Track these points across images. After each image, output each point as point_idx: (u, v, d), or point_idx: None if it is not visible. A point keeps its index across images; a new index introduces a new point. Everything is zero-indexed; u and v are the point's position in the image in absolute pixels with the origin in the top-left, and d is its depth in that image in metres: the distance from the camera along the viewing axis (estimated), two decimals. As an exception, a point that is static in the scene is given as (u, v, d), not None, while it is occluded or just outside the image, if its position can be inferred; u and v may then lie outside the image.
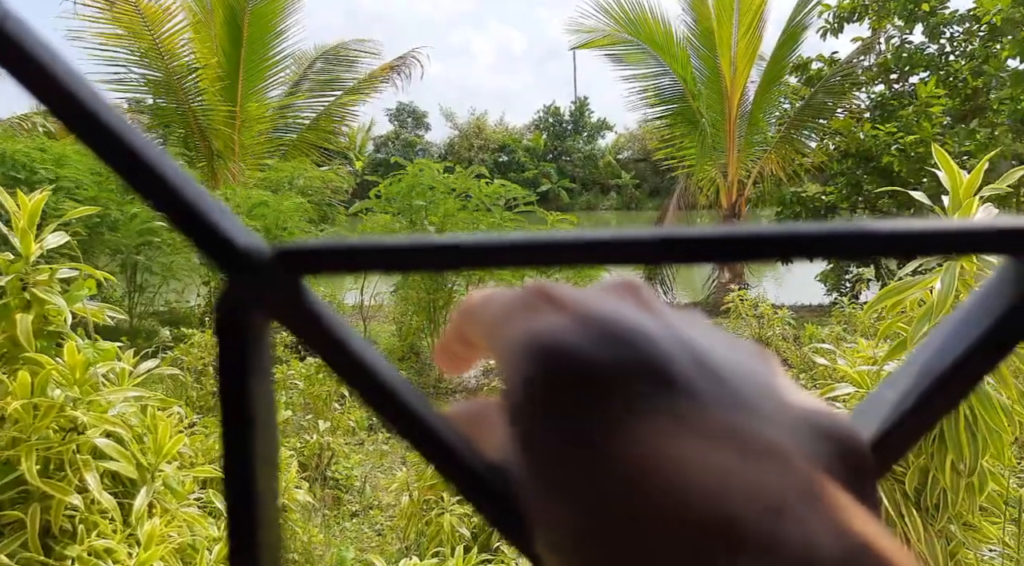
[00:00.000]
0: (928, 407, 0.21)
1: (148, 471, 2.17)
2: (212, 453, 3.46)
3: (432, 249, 0.22)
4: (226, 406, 0.23)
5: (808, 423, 0.20)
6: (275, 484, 0.24)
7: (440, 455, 0.23)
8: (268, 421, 0.24)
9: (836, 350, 2.88)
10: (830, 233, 0.21)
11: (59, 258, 2.46)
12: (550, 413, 0.21)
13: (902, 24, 10.88)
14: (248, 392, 0.23)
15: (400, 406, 0.23)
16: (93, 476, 2.01)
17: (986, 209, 1.99)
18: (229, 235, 0.23)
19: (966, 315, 0.22)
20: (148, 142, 0.22)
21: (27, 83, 0.20)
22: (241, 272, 0.23)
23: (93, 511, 2.03)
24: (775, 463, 0.18)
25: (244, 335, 0.23)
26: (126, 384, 2.23)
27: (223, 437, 0.23)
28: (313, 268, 0.23)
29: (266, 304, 0.23)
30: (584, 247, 0.22)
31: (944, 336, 0.22)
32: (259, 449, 0.23)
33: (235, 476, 0.23)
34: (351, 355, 0.23)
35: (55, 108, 0.21)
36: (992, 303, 0.21)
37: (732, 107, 11.59)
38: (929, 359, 0.22)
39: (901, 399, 0.22)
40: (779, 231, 0.21)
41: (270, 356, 0.24)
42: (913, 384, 0.22)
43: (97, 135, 0.21)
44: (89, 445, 2.05)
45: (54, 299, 2.06)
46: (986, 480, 2.06)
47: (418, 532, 3.33)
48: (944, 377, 0.21)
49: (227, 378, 0.23)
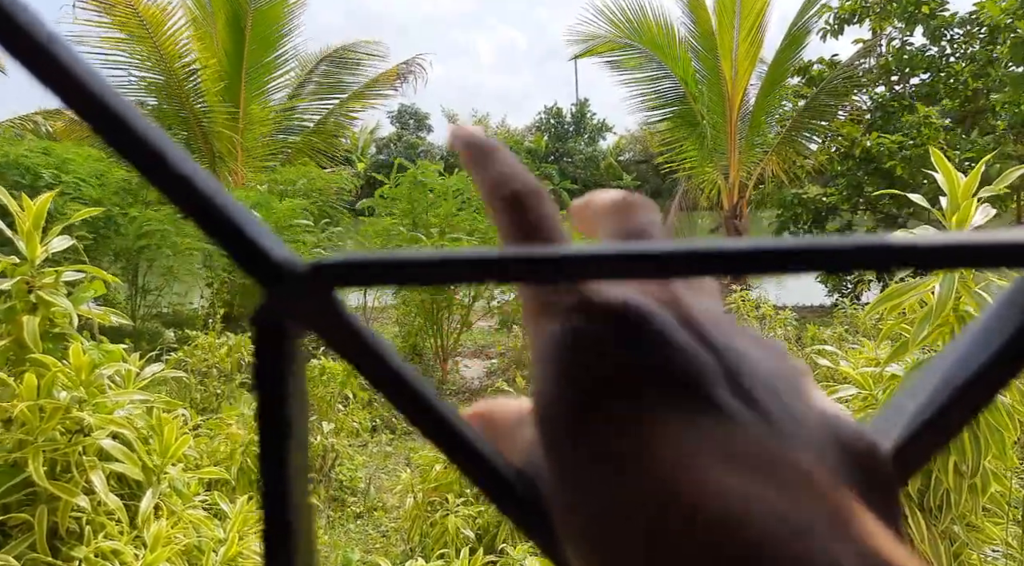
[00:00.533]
0: (949, 417, 0.21)
1: (154, 473, 2.18)
2: (217, 455, 3.47)
3: (464, 262, 0.23)
4: (264, 416, 0.24)
5: (832, 434, 0.20)
6: (308, 492, 0.25)
7: (472, 463, 0.24)
8: (302, 430, 0.24)
9: (839, 352, 2.89)
10: (843, 247, 0.21)
11: (63, 261, 2.47)
12: (580, 418, 0.21)
13: (903, 26, 10.89)
14: (285, 402, 0.23)
15: (433, 415, 0.24)
16: (99, 478, 2.01)
17: (984, 210, 2.00)
18: (265, 248, 0.23)
19: (985, 326, 0.22)
20: (184, 155, 0.23)
21: (76, 105, 0.21)
22: (277, 284, 0.23)
23: (100, 513, 2.04)
24: (801, 485, 0.18)
25: (280, 346, 0.23)
26: (132, 386, 2.24)
27: (261, 446, 0.24)
28: (346, 280, 0.23)
29: (301, 315, 0.23)
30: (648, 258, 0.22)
31: (964, 346, 0.22)
32: (295, 458, 0.24)
33: (272, 485, 0.23)
34: (383, 365, 0.24)
35: (97, 124, 0.21)
36: (1011, 314, 0.22)
37: (733, 109, 11.61)
38: (949, 369, 0.22)
39: (921, 409, 0.22)
40: (793, 246, 0.22)
41: (304, 366, 0.25)
42: (933, 394, 0.22)
43: (138, 151, 0.22)
44: (95, 447, 2.05)
45: (60, 301, 2.07)
46: (989, 481, 2.06)
47: (423, 534, 3.33)
48: (964, 388, 0.21)
49: (264, 388, 0.23)
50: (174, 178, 0.22)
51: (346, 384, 4.81)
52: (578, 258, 0.22)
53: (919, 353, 2.07)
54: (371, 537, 3.92)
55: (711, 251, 0.22)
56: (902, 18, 10.72)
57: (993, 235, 0.21)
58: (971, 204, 1.98)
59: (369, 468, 4.76)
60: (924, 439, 0.22)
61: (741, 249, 0.22)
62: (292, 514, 0.24)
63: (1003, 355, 0.21)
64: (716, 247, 0.22)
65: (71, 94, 0.21)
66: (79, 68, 0.21)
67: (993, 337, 0.22)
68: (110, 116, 0.21)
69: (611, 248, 0.22)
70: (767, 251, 0.21)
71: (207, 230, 0.23)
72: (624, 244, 0.22)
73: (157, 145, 0.22)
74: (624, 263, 0.22)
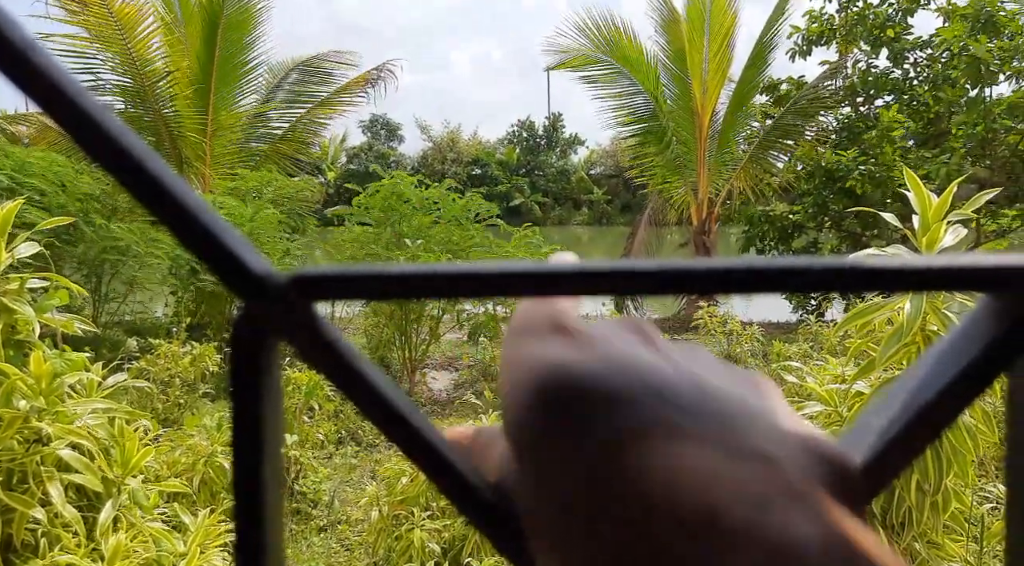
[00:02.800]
0: (913, 436, 0.22)
1: (114, 484, 2.13)
2: (178, 466, 3.40)
3: (448, 276, 0.23)
4: (238, 427, 0.23)
5: (802, 444, 0.21)
6: (282, 503, 0.25)
7: (448, 478, 0.24)
8: (277, 442, 0.24)
9: (804, 368, 2.93)
10: (807, 268, 0.22)
11: (22, 267, 2.42)
12: (551, 434, 0.21)
13: (868, 49, 11.16)
14: (261, 414, 0.23)
15: (409, 430, 0.24)
16: (57, 489, 1.96)
17: (954, 231, 2.04)
18: (245, 261, 0.23)
19: (949, 347, 0.23)
20: (166, 168, 0.23)
21: (56, 114, 0.21)
22: (257, 298, 0.23)
23: (56, 525, 1.99)
24: (762, 464, 0.19)
25: (258, 359, 0.23)
26: (94, 395, 2.19)
27: (235, 459, 0.24)
28: (327, 294, 0.23)
29: (281, 329, 0.23)
30: (608, 276, 0.22)
31: (928, 367, 0.23)
32: (269, 470, 0.24)
33: (246, 498, 0.23)
34: (362, 380, 0.24)
35: (81, 137, 0.21)
36: (974, 336, 0.22)
37: (703, 126, 11.78)
38: (914, 389, 0.23)
39: (887, 427, 0.23)
40: (745, 265, 0.22)
41: (280, 380, 0.25)
42: (898, 414, 0.23)
43: (120, 163, 0.22)
44: (54, 457, 2.00)
45: (23, 309, 2.02)
46: (949, 499, 2.10)
47: (387, 547, 3.30)
48: (928, 407, 0.22)
49: (240, 400, 0.23)
50: (155, 190, 0.22)
51: (312, 395, 4.76)
52: (563, 275, 0.22)
53: (884, 371, 2.10)
54: (335, 551, 3.86)
55: (679, 270, 0.22)
56: (867, 41, 10.99)
57: (955, 259, 0.22)
58: (941, 226, 2.02)
59: (334, 480, 4.71)
60: (889, 458, 0.22)
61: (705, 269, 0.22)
62: (265, 528, 0.23)
63: (966, 376, 0.22)
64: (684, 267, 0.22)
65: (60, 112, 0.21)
66: (69, 87, 0.21)
67: (957, 358, 0.22)
68: (94, 130, 0.21)
69: (594, 266, 0.22)
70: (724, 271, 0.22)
71: (186, 242, 0.23)
72: (605, 262, 0.23)
73: (139, 158, 0.22)
74: (603, 280, 0.23)
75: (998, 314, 0.22)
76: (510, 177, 33.22)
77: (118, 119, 0.21)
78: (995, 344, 0.22)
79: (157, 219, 0.22)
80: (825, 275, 0.22)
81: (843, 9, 11.22)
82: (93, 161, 0.22)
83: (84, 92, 0.21)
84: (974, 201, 2.06)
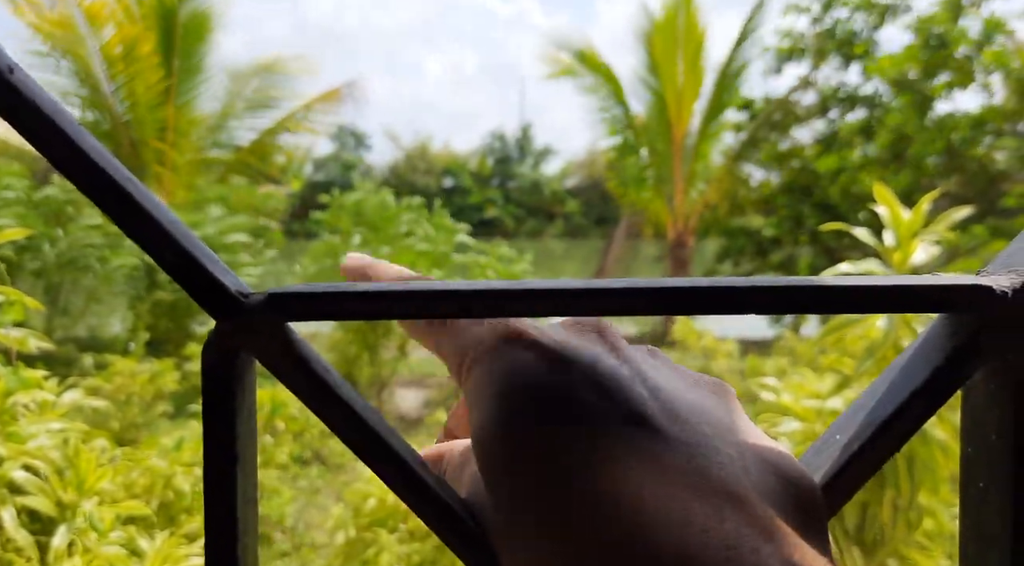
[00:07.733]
0: (872, 451, 0.23)
1: (68, 508, 2.07)
2: (135, 488, 3.31)
3: (427, 294, 0.23)
4: (210, 447, 0.23)
5: (763, 465, 0.22)
6: (256, 524, 0.25)
7: (422, 499, 0.24)
8: (251, 461, 0.24)
9: (780, 384, 2.93)
10: (768, 287, 0.23)
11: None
12: (519, 451, 0.22)
13: (838, 65, 11.38)
14: (233, 433, 0.23)
15: (386, 451, 0.24)
16: (9, 512, 1.90)
17: (925, 249, 2.04)
18: (219, 280, 0.23)
19: (907, 364, 0.24)
20: (140, 186, 0.23)
21: (29, 133, 0.21)
22: (231, 316, 0.23)
23: (8, 549, 1.92)
24: (732, 503, 0.19)
25: (231, 377, 0.23)
26: (49, 414, 2.13)
27: (206, 476, 0.23)
28: (301, 314, 0.23)
29: (254, 348, 0.23)
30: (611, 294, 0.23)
31: (886, 384, 0.24)
32: (242, 489, 0.23)
33: (218, 516, 0.23)
34: (338, 400, 0.24)
35: (56, 158, 0.21)
36: (930, 354, 0.23)
37: (678, 139, 11.89)
38: (874, 406, 0.24)
39: (848, 443, 0.24)
40: (713, 285, 0.23)
41: (254, 399, 0.25)
42: (859, 429, 0.24)
43: (91, 180, 0.22)
44: (6, 479, 1.94)
45: (-26, 325, 1.96)
46: (922, 515, 2.11)
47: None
48: (886, 423, 0.23)
49: (212, 419, 0.23)
50: (126, 206, 0.22)
51: (275, 414, 4.68)
52: (538, 293, 0.22)
53: (860, 387, 2.11)
54: (298, 574, 3.79)
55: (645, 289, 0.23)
56: (837, 56, 11.20)
57: (909, 280, 0.23)
58: (912, 243, 2.03)
59: (298, 503, 4.62)
60: (851, 472, 0.23)
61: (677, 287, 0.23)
62: (238, 551, 0.23)
63: (922, 393, 0.23)
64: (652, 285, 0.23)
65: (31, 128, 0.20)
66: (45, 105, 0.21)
67: (912, 377, 0.23)
68: (67, 146, 0.21)
69: (573, 284, 0.23)
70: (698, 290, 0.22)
71: (158, 259, 0.22)
72: (576, 281, 0.23)
73: (110, 173, 0.22)
74: (577, 300, 0.23)
75: (953, 332, 0.23)
76: (483, 188, 33.15)
77: (91, 136, 0.21)
78: (950, 362, 0.22)
79: (127, 235, 0.22)
80: (784, 294, 0.23)
81: (815, 23, 11.42)
82: (64, 177, 0.22)
83: (60, 108, 0.21)
84: (944, 217, 2.06)
